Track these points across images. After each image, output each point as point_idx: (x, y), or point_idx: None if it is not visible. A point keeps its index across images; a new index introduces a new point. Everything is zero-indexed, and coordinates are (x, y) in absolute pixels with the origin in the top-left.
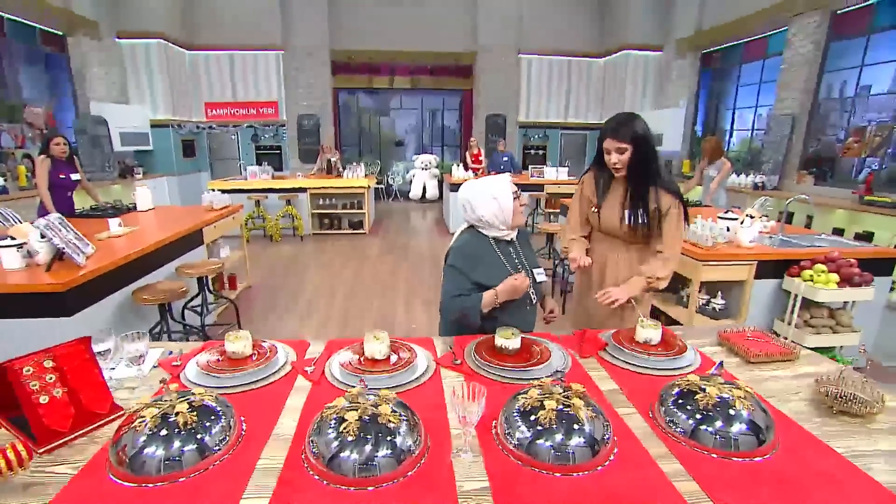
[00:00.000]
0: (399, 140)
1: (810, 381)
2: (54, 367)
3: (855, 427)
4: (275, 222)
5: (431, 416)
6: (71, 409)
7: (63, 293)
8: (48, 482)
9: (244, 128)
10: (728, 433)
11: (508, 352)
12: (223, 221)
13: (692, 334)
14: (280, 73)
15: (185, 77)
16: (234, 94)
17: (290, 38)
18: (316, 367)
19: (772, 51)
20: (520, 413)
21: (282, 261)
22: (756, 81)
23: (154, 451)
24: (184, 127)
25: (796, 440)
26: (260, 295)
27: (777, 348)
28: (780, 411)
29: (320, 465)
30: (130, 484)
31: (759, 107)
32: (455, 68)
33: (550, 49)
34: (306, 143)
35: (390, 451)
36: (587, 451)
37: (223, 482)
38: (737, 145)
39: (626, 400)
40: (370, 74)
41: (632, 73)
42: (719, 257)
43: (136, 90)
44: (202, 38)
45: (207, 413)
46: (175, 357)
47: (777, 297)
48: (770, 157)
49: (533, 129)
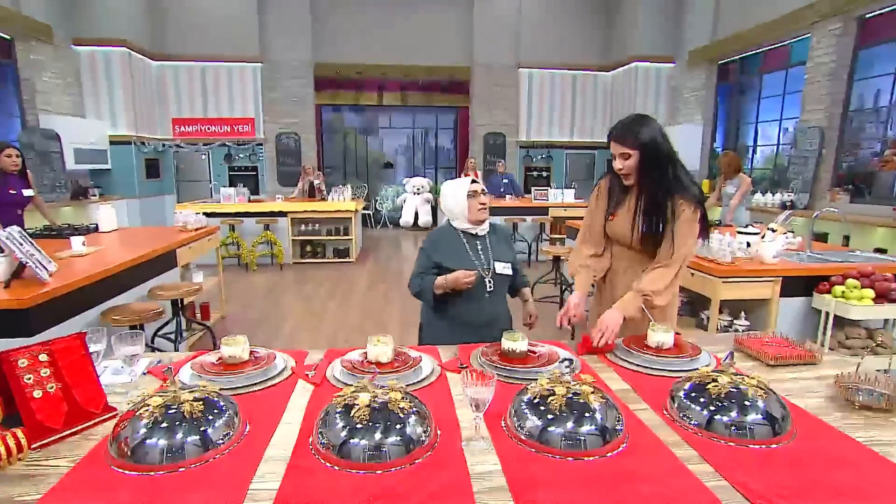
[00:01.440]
0: (388, 162)
1: (832, 382)
2: (49, 362)
3: (878, 420)
4: (251, 249)
5: (441, 413)
6: (64, 405)
7: (26, 311)
8: (49, 472)
9: (216, 146)
10: (743, 422)
11: (515, 355)
12: (198, 243)
13: (707, 342)
14: (257, 88)
15: (151, 90)
16: (205, 109)
17: (269, 49)
18: (317, 371)
19: (795, 59)
20: (529, 403)
21: (259, 291)
22: (779, 93)
23: (157, 441)
24: (148, 144)
25: (814, 430)
26: (236, 327)
27: (797, 351)
28: (798, 406)
29: (330, 451)
30: (133, 472)
31: (783, 120)
32: (449, 84)
33: (553, 62)
34: (286, 164)
35: (400, 437)
36: (598, 438)
37: (231, 469)
38: (761, 162)
39: (637, 397)
40: (357, 90)
41: (642, 86)
42: (740, 273)
43: (93, 103)
44: (170, 48)
45: (211, 406)
46: (165, 365)
47: (807, 316)
48: (798, 173)
49: (535, 150)
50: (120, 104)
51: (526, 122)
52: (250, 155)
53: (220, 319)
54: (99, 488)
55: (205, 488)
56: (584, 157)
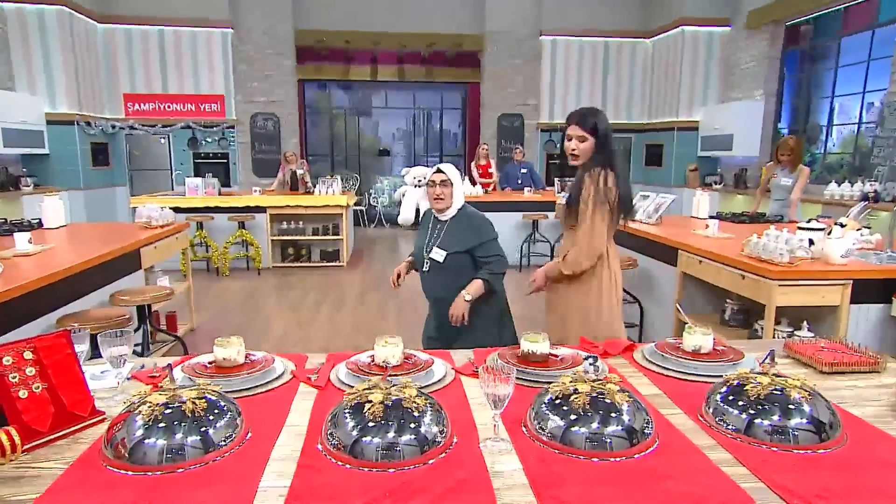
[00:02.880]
0: (384, 149)
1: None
2: (34, 360)
3: None
4: (223, 251)
5: (457, 415)
6: (51, 407)
7: None
8: (41, 473)
9: (178, 129)
10: (786, 427)
11: (536, 357)
12: (165, 242)
13: (753, 347)
14: (228, 59)
15: (97, 59)
16: (164, 84)
17: (240, 12)
18: (320, 374)
19: (884, 17)
20: (550, 404)
21: (234, 300)
22: (863, 59)
23: (156, 441)
24: (94, 125)
25: (868, 436)
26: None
27: (856, 357)
28: (851, 413)
29: (341, 451)
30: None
31: (867, 93)
32: (457, 56)
33: (581, 28)
34: (263, 150)
35: (414, 436)
36: (625, 440)
37: (237, 469)
38: (837, 145)
39: (670, 402)
40: (346, 63)
41: (690, 55)
42: (800, 275)
43: (25, 73)
44: (121, 8)
45: (213, 406)
46: (151, 370)
47: (885, 325)
48: (886, 158)
49: (559, 133)
50: (60, 76)
51: (548, 100)
52: (220, 140)
53: (189, 332)
54: (98, 488)
55: (212, 486)
56: (620, 141)
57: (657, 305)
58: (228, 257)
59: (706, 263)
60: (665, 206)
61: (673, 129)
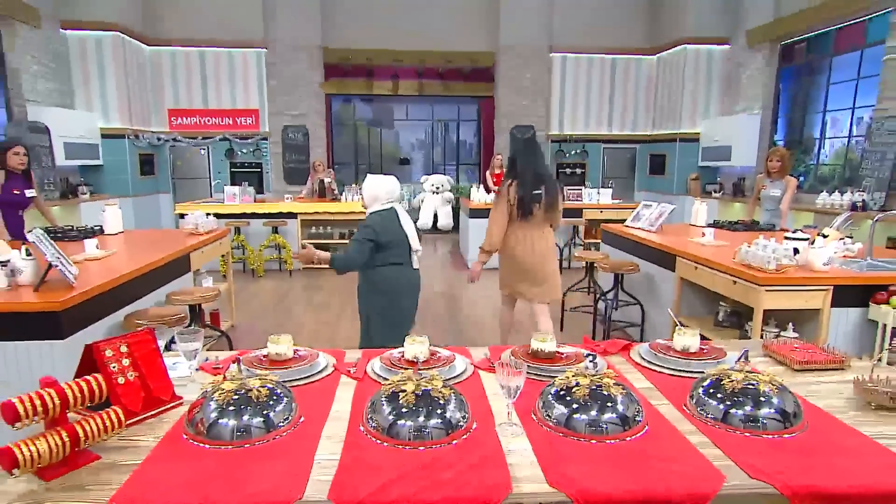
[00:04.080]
0: (404, 158)
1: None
2: (128, 353)
3: (891, 418)
4: (258, 254)
5: (475, 404)
6: (141, 392)
7: (58, 313)
8: (139, 445)
9: (217, 141)
10: (756, 416)
11: (544, 355)
12: (210, 247)
13: (735, 346)
14: (262, 76)
15: (145, 78)
16: (204, 99)
17: (273, 33)
18: (358, 367)
19: (872, 39)
20: (556, 395)
21: (268, 299)
22: (853, 77)
23: (227, 421)
24: (142, 138)
25: (826, 424)
26: (247, 337)
27: (824, 356)
28: (814, 405)
29: (379, 432)
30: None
31: (857, 108)
32: (472, 72)
33: (589, 46)
34: (293, 160)
35: (441, 420)
36: (619, 426)
37: (295, 445)
38: (830, 157)
39: (659, 395)
40: (369, 78)
41: (692, 72)
42: (785, 281)
43: (83, 92)
44: (166, 32)
45: (273, 393)
46: (214, 362)
47: (863, 328)
48: (873, 170)
49: (569, 144)
50: (112, 94)
51: (558, 113)
52: (254, 150)
53: (230, 328)
54: (183, 457)
55: (275, 459)
56: (624, 151)
57: (657, 307)
58: (263, 259)
59: (702, 269)
60: (666, 214)
61: (675, 140)
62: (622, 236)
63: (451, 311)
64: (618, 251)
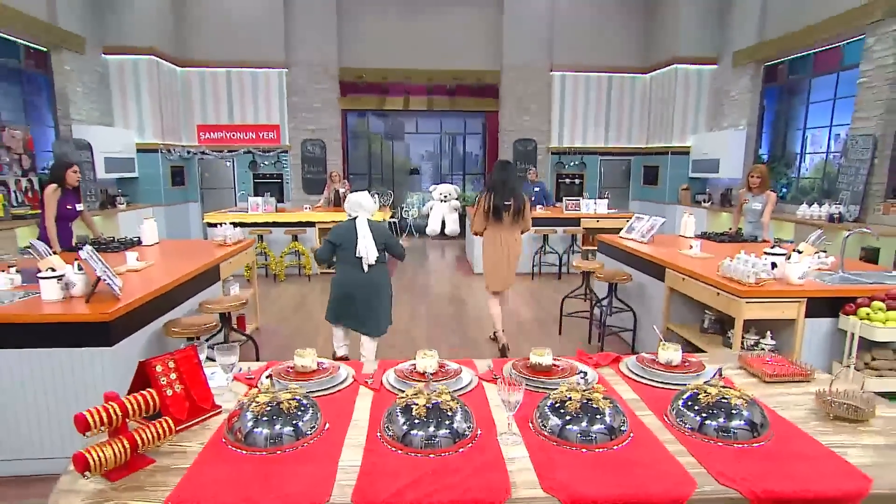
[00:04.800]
0: (414, 168)
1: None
2: (175, 368)
3: (846, 429)
4: (279, 260)
5: (479, 414)
6: (186, 402)
7: (108, 324)
8: (186, 450)
9: (241, 154)
10: (728, 427)
11: (541, 367)
12: (237, 257)
13: (715, 359)
14: (283, 94)
15: (176, 96)
16: (230, 115)
17: (294, 54)
18: (374, 378)
19: (847, 62)
20: (551, 407)
21: (289, 302)
22: (830, 97)
23: (262, 430)
24: (173, 152)
25: (789, 434)
26: (271, 339)
27: (792, 370)
28: (779, 415)
29: (395, 440)
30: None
31: (834, 126)
32: (478, 88)
33: (587, 65)
34: (311, 171)
35: (449, 431)
36: (606, 435)
37: (321, 451)
38: (809, 171)
39: (643, 405)
40: (382, 95)
41: (682, 89)
42: (764, 294)
43: (121, 111)
44: (196, 53)
45: (301, 405)
46: (247, 372)
47: (834, 337)
48: (849, 184)
49: (568, 156)
50: (147, 112)
51: (558, 127)
52: (275, 162)
53: (255, 331)
54: (224, 461)
55: (304, 464)
56: (620, 163)
57: (648, 314)
58: (284, 265)
59: (689, 281)
60: (657, 227)
61: (667, 153)
62: (617, 247)
63: (457, 313)
64: (613, 261)
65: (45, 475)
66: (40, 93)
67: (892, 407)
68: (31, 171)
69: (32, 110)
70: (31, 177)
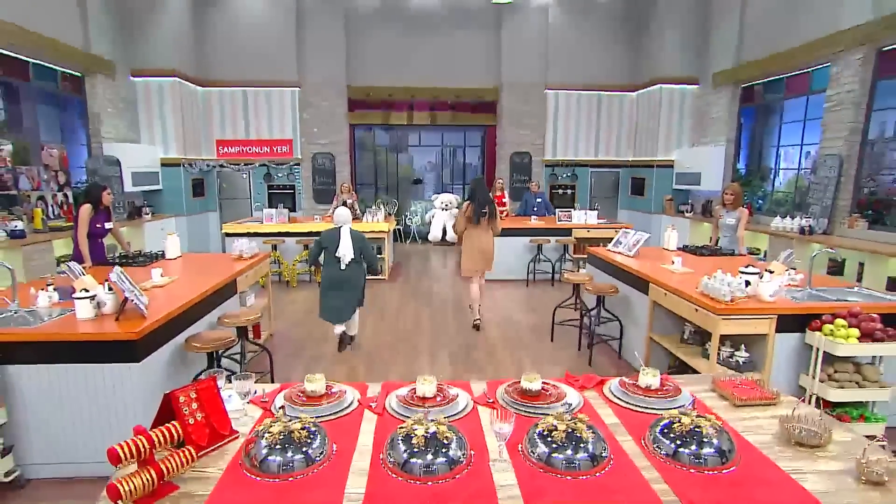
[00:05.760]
0: (417, 178)
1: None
2: (196, 398)
3: (805, 454)
4: (292, 267)
5: (473, 438)
6: (207, 429)
7: (135, 342)
8: (207, 476)
9: (256, 166)
10: (700, 454)
11: (531, 392)
12: (252, 271)
13: (691, 382)
14: (295, 111)
15: (197, 114)
16: (246, 131)
17: (305, 73)
18: (378, 403)
19: (816, 87)
20: (539, 435)
21: (301, 307)
22: (801, 118)
23: (275, 458)
24: (194, 166)
25: (754, 460)
26: (285, 343)
27: (760, 393)
28: (747, 441)
29: (396, 467)
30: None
31: (805, 144)
32: (477, 104)
33: (578, 84)
34: (321, 182)
35: (445, 459)
36: (589, 462)
37: (329, 478)
38: (783, 185)
39: (624, 431)
40: (387, 110)
41: (666, 107)
42: (737, 311)
43: (147, 129)
44: (215, 74)
45: (311, 433)
46: (261, 396)
47: (801, 350)
48: (818, 199)
49: (560, 168)
50: (170, 128)
51: (552, 141)
52: (288, 174)
53: (269, 337)
54: (242, 487)
55: (313, 490)
56: (609, 175)
57: (633, 325)
58: (296, 272)
59: (670, 296)
60: (642, 241)
61: (653, 166)
62: (605, 259)
63: (457, 316)
64: (601, 273)
65: (83, 478)
66: (74, 114)
67: (847, 432)
68: (66, 186)
69: (68, 130)
70: (67, 191)
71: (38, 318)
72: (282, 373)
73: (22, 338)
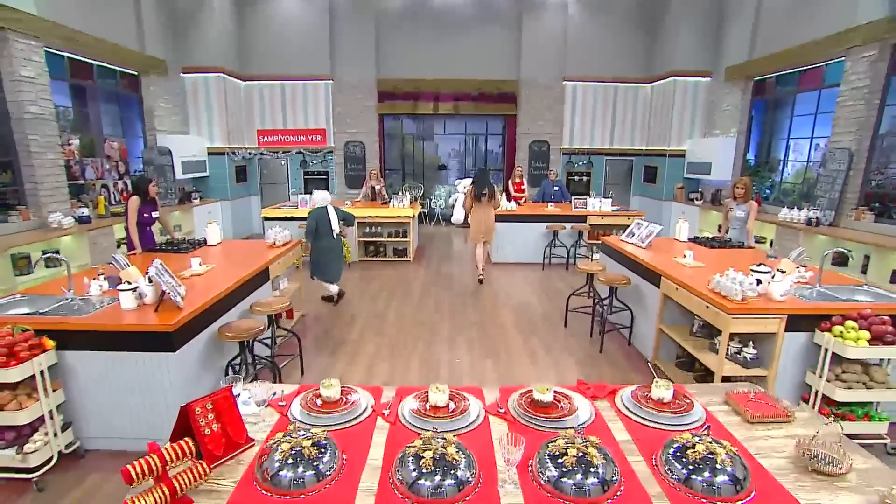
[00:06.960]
0: (442, 164)
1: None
2: (212, 409)
3: (823, 483)
4: None
5: (482, 455)
6: (223, 439)
7: (171, 333)
8: (220, 489)
9: (293, 154)
10: (713, 482)
11: (543, 404)
12: (284, 258)
13: (703, 392)
14: (329, 102)
15: (240, 106)
16: (284, 121)
17: (338, 68)
18: (391, 410)
19: (829, 81)
20: (550, 457)
21: None
22: (812, 112)
23: (286, 474)
24: (237, 154)
25: (769, 489)
26: (315, 326)
27: (774, 410)
28: (761, 465)
29: (404, 486)
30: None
31: (815, 137)
32: (498, 95)
33: (595, 75)
34: (352, 168)
35: (454, 481)
36: (599, 488)
37: (338, 496)
38: (791, 176)
39: (635, 449)
40: (414, 101)
41: (680, 99)
42: (748, 310)
43: (195, 121)
44: (256, 69)
45: (321, 448)
46: (280, 398)
47: (809, 349)
48: (826, 192)
49: (577, 156)
50: (216, 120)
51: (569, 130)
52: (322, 161)
53: (300, 318)
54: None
55: None
56: (623, 162)
57: (644, 314)
58: None
59: (681, 290)
60: (654, 233)
61: (665, 155)
62: (618, 249)
63: (474, 297)
64: (614, 262)
65: (132, 451)
66: (132, 109)
67: (867, 459)
68: (125, 175)
69: (127, 124)
70: (126, 180)
71: (91, 306)
72: (310, 356)
73: (76, 327)
